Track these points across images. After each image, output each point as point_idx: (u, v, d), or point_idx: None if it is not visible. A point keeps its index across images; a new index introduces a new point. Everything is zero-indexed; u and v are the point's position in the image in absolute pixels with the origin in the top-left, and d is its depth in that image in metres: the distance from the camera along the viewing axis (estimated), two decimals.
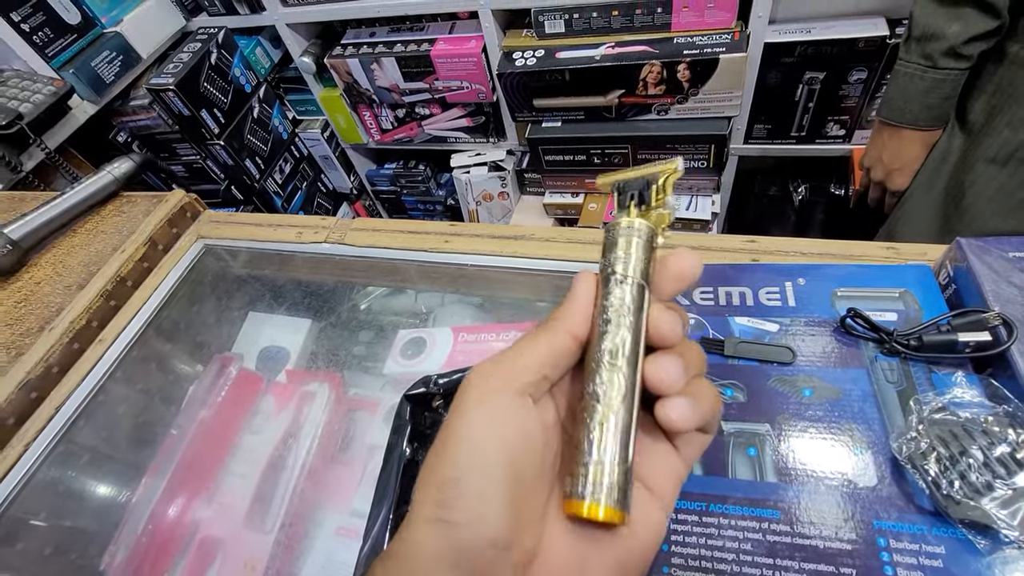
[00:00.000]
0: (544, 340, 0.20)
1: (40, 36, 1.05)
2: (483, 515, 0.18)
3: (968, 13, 0.58)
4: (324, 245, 0.58)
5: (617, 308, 0.20)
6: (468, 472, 0.18)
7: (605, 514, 0.18)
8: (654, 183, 0.22)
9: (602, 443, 0.19)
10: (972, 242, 0.34)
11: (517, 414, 0.19)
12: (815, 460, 0.31)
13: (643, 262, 0.21)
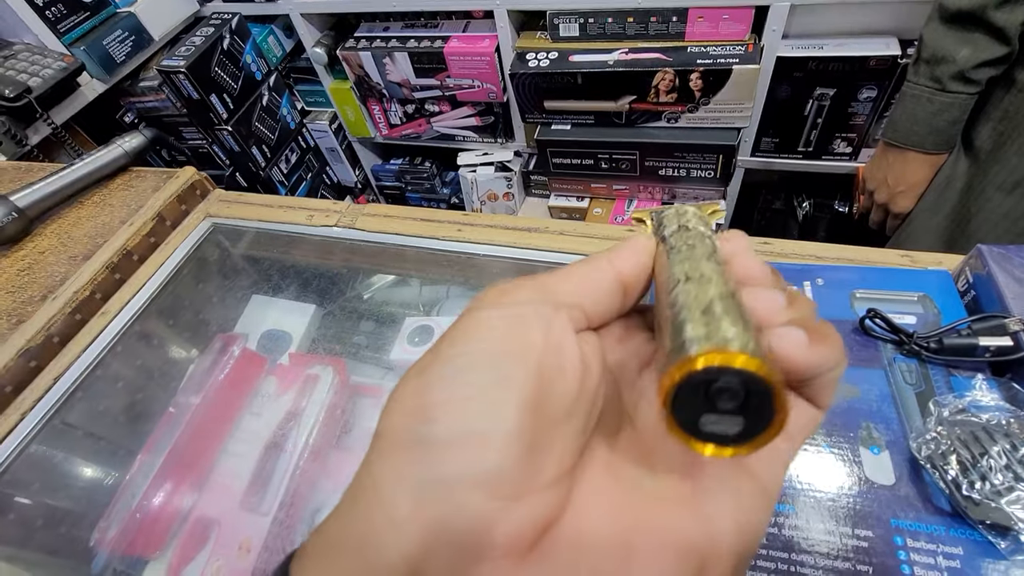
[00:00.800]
0: (581, 266, 0.16)
1: (53, 11, 1.04)
2: (484, 435, 0.12)
3: (978, 38, 0.58)
4: (335, 229, 0.58)
5: (688, 241, 0.16)
6: (470, 369, 0.13)
7: (742, 361, 0.11)
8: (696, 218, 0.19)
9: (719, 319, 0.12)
10: (993, 249, 0.34)
11: (547, 322, 0.14)
12: (833, 457, 0.30)
13: (707, 228, 0.17)
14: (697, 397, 0.12)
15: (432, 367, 0.14)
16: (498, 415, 0.13)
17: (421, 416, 0.13)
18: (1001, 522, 0.25)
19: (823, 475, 0.30)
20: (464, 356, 0.14)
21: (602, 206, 1.30)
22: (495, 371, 0.13)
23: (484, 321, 0.14)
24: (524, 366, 0.13)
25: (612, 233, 0.52)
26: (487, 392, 0.13)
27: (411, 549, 0.12)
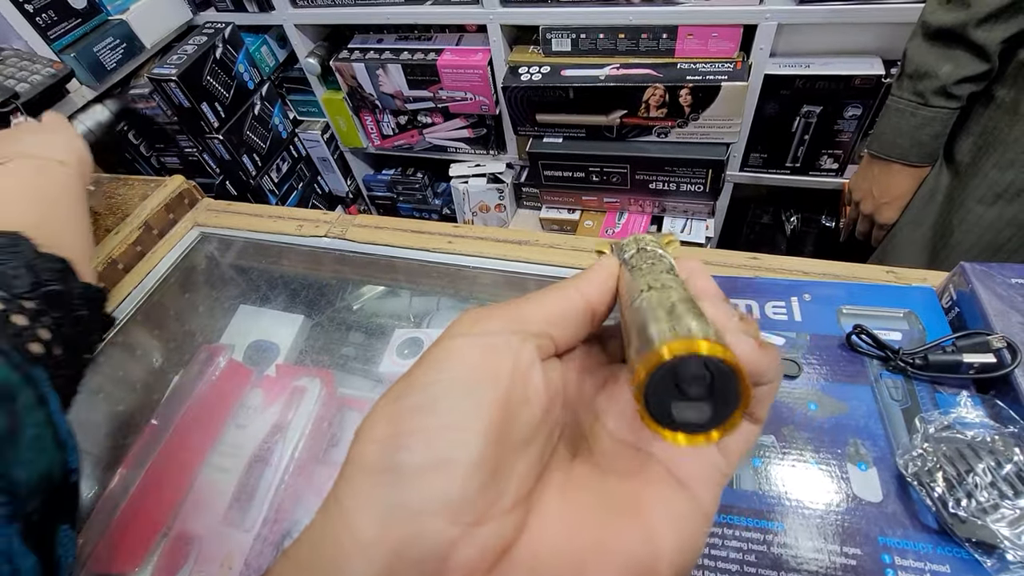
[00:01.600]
0: (550, 294, 0.17)
1: (43, 18, 1.03)
2: (450, 464, 0.13)
3: (960, 55, 0.60)
4: (324, 240, 0.58)
5: (648, 260, 0.18)
6: (440, 401, 0.14)
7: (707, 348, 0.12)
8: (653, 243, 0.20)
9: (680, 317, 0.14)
10: (976, 267, 0.35)
11: (516, 352, 0.15)
12: (820, 474, 0.31)
13: (659, 246, 0.19)
14: (667, 388, 0.13)
15: (406, 396, 0.15)
16: (465, 445, 0.13)
17: (393, 445, 0.14)
18: (987, 540, 0.26)
19: (811, 492, 0.30)
20: (436, 385, 0.15)
21: (593, 219, 1.31)
22: (465, 401, 0.14)
23: (456, 350, 0.15)
24: (492, 397, 0.14)
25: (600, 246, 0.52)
26: (456, 422, 0.14)
27: (377, 572, 0.13)
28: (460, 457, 0.13)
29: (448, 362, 0.15)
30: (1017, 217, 0.63)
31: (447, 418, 0.14)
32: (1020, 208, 0.62)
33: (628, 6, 1.02)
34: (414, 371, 0.15)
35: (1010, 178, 0.61)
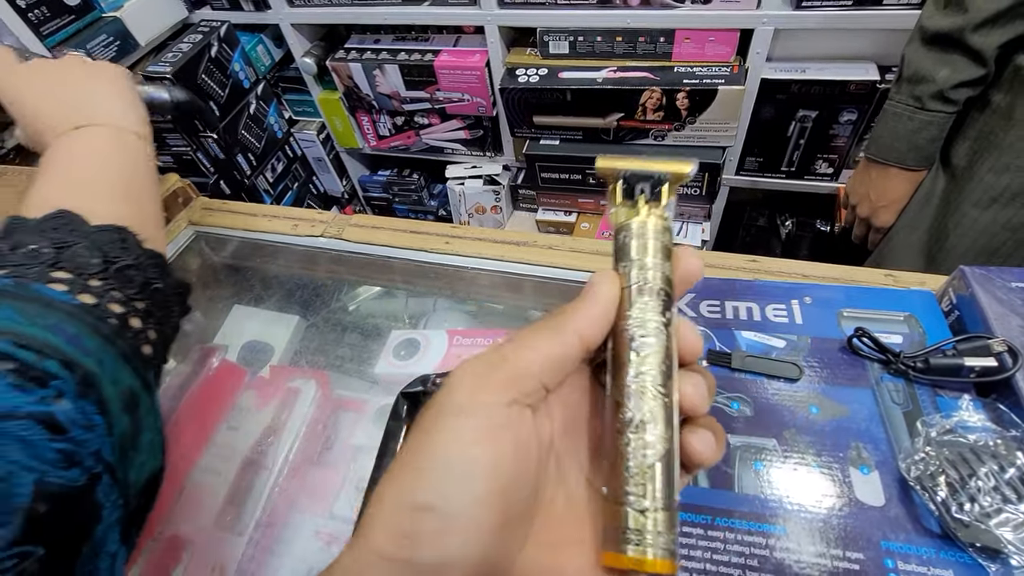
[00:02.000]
0: (548, 340, 0.18)
1: (36, 14, 1.02)
2: (460, 560, 0.15)
3: (957, 60, 0.60)
4: (320, 239, 0.57)
5: (651, 322, 0.18)
6: (448, 502, 0.15)
7: (659, 567, 0.16)
8: (664, 180, 0.20)
9: (652, 488, 0.17)
10: (976, 271, 0.35)
11: (513, 431, 0.17)
12: (822, 477, 0.30)
13: (665, 268, 0.19)
14: None
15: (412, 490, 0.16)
16: (474, 544, 0.15)
17: (406, 544, 0.15)
18: (991, 545, 0.25)
19: (813, 496, 0.30)
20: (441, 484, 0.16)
21: (589, 221, 1.31)
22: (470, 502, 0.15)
23: (457, 438, 0.16)
24: (497, 487, 0.16)
25: (600, 247, 0.52)
26: (463, 525, 0.15)
27: None
28: (470, 555, 0.15)
29: (451, 453, 0.16)
30: (1012, 221, 0.63)
31: (455, 522, 0.15)
32: (1015, 212, 0.62)
33: (626, 9, 1.02)
34: (421, 457, 0.16)
35: (1005, 182, 0.62)
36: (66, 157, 0.35)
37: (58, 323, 0.25)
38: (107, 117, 0.38)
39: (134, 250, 0.32)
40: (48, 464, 0.21)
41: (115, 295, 0.29)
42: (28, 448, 0.21)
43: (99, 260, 0.29)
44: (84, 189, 0.33)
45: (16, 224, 0.30)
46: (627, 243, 0.20)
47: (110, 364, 0.26)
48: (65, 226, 0.30)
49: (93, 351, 0.25)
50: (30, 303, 0.25)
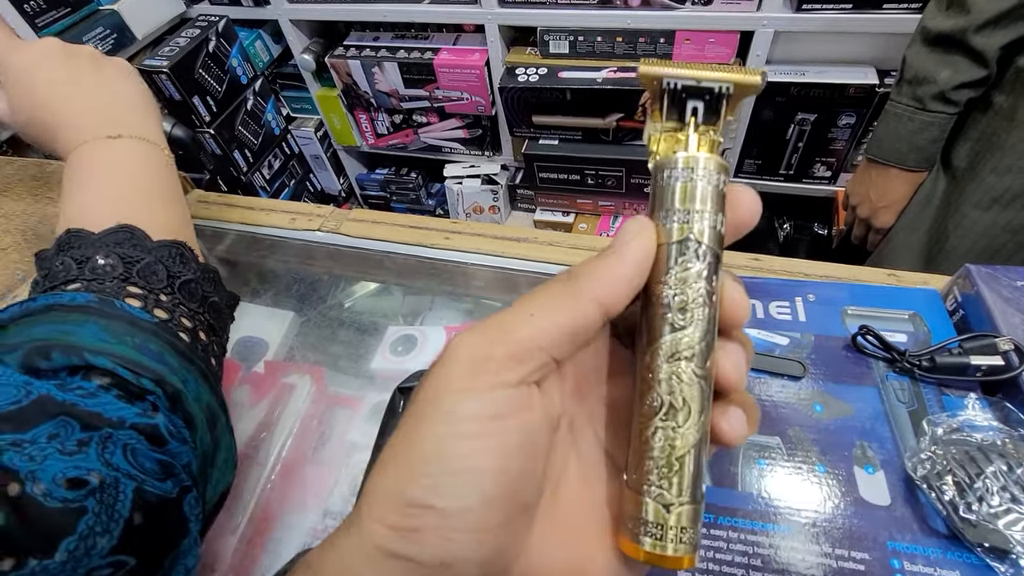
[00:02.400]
0: (560, 309, 0.15)
1: (31, 5, 1.01)
2: (466, 558, 0.14)
3: (958, 61, 0.60)
4: (318, 233, 0.56)
5: (696, 291, 0.15)
6: (449, 501, 0.14)
7: (678, 563, 0.15)
8: (726, 95, 0.16)
9: (678, 481, 0.15)
10: (982, 269, 0.34)
11: (520, 417, 0.15)
12: (827, 476, 0.30)
13: (717, 220, 0.16)
14: None
15: (410, 480, 0.14)
16: (477, 545, 0.14)
17: (405, 538, 0.14)
18: (999, 545, 0.25)
19: (818, 495, 0.29)
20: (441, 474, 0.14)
21: (588, 222, 1.30)
22: (474, 499, 0.14)
23: (457, 426, 0.14)
24: (503, 480, 0.14)
25: (600, 245, 0.51)
26: (466, 523, 0.14)
27: None
28: (477, 552, 0.14)
29: (449, 449, 0.14)
30: (1012, 222, 0.63)
31: (458, 521, 0.14)
32: (1015, 213, 0.62)
33: (626, 9, 1.02)
34: (420, 443, 0.15)
35: (1007, 183, 0.62)
36: (106, 168, 0.34)
37: (144, 342, 0.25)
38: (141, 130, 0.37)
39: (191, 264, 0.32)
40: (147, 474, 0.22)
41: (183, 309, 0.30)
42: (132, 457, 0.22)
43: (164, 275, 0.30)
44: (133, 203, 0.33)
45: (78, 237, 0.29)
46: (671, 185, 0.16)
47: (192, 382, 0.27)
48: (129, 240, 0.30)
49: (177, 369, 0.26)
50: (116, 321, 0.25)
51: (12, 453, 0.19)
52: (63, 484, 0.19)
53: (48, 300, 0.25)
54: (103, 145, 0.34)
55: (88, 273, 0.28)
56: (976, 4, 0.56)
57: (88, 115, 0.36)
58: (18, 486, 0.18)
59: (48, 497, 0.18)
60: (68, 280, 0.27)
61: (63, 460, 0.20)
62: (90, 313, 0.25)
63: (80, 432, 0.21)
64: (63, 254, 0.28)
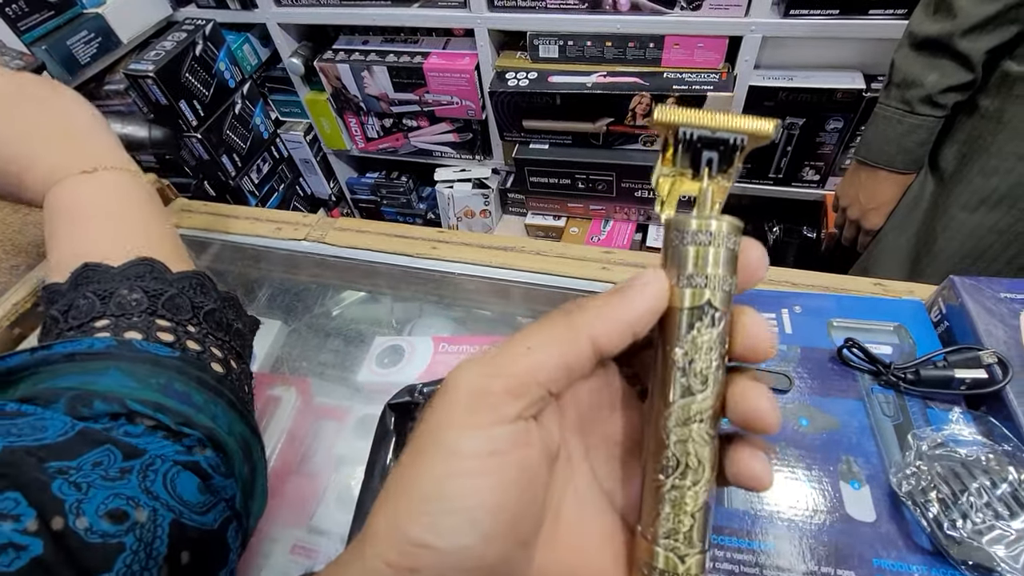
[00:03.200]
0: (556, 344, 0.16)
1: (14, 8, 1.00)
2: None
3: (945, 65, 0.61)
4: (304, 243, 0.56)
5: (711, 357, 0.16)
6: (448, 537, 0.14)
7: None
8: (741, 147, 0.16)
9: (691, 534, 0.16)
10: (966, 281, 0.34)
11: (518, 454, 0.15)
12: (813, 491, 0.30)
13: (729, 283, 0.16)
14: None
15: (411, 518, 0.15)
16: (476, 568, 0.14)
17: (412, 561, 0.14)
18: (983, 563, 0.25)
19: (804, 511, 0.29)
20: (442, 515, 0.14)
21: (579, 225, 1.30)
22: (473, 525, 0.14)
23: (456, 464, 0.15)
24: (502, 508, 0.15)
25: (588, 254, 0.51)
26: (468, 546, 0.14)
27: None
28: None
29: (448, 488, 0.15)
30: (999, 224, 0.63)
31: (454, 559, 0.14)
32: (1002, 215, 0.63)
33: (616, 14, 1.02)
34: (424, 470, 0.15)
35: (993, 185, 0.62)
36: (97, 204, 0.33)
37: (168, 382, 0.25)
38: (111, 159, 0.36)
39: (212, 294, 0.32)
40: (186, 506, 0.22)
41: (213, 340, 0.29)
42: (171, 487, 0.22)
43: (189, 307, 0.29)
44: (135, 236, 0.32)
45: (96, 271, 0.29)
46: (686, 248, 0.16)
47: (222, 416, 0.27)
48: (150, 273, 0.29)
49: (202, 406, 0.26)
50: (138, 364, 0.25)
51: (61, 480, 0.19)
52: (104, 517, 0.19)
53: (66, 348, 0.25)
54: (83, 181, 0.33)
55: (114, 308, 0.27)
56: (962, 9, 0.57)
57: (55, 152, 0.35)
58: (61, 520, 0.18)
59: (89, 532, 0.19)
60: (95, 317, 0.27)
61: (106, 487, 0.20)
62: (111, 359, 0.25)
63: (122, 461, 0.21)
64: (83, 288, 0.28)
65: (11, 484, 0.18)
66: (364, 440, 0.42)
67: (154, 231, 0.34)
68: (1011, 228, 0.63)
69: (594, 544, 0.18)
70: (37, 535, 0.18)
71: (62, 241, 0.31)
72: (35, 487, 0.18)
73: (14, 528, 0.17)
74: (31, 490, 0.18)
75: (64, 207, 0.33)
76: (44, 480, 0.19)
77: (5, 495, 0.18)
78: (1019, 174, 0.60)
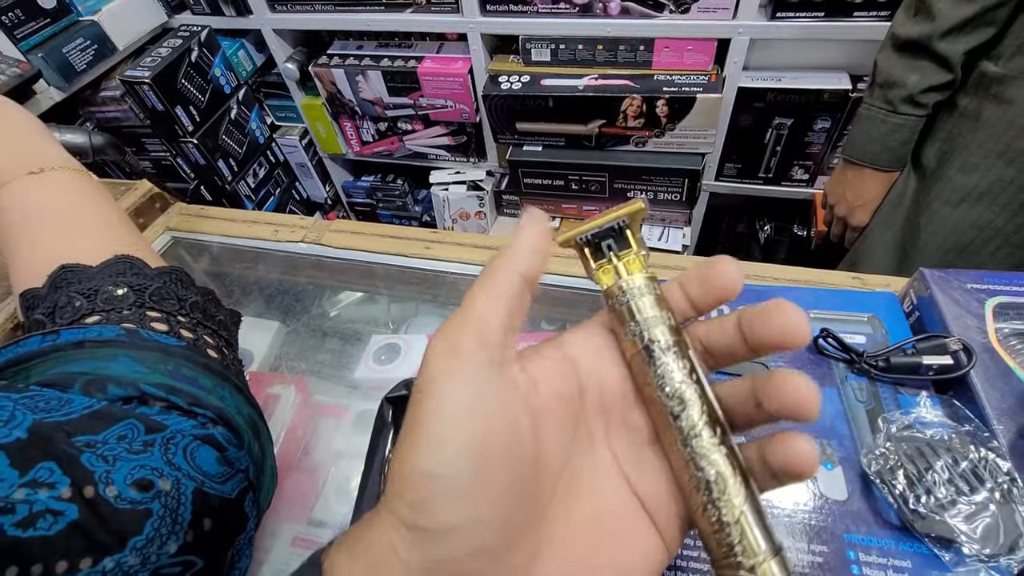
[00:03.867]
0: (498, 284, 0.18)
1: (10, 16, 1.01)
2: (470, 521, 0.15)
3: (926, 66, 0.63)
4: (301, 245, 0.57)
5: (677, 378, 0.18)
6: (448, 466, 0.16)
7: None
8: (624, 227, 0.20)
9: (748, 541, 0.16)
10: (935, 273, 0.36)
11: (494, 387, 0.17)
12: None
13: (666, 317, 0.19)
14: None
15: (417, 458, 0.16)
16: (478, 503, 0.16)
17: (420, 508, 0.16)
18: (945, 535, 0.26)
19: (780, 492, 0.31)
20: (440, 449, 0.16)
21: (573, 226, 1.32)
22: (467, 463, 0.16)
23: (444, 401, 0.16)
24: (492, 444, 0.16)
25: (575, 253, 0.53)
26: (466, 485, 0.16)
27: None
28: (479, 520, 0.15)
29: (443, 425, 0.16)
30: (979, 219, 0.65)
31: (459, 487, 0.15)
32: (983, 211, 0.65)
33: (606, 18, 1.03)
34: (418, 427, 0.16)
35: (973, 182, 0.64)
36: (50, 205, 0.33)
37: (177, 368, 0.27)
38: (56, 159, 0.36)
39: (190, 286, 0.33)
40: (206, 476, 0.24)
41: (204, 328, 0.31)
42: (191, 458, 0.24)
43: (175, 299, 0.31)
44: (100, 234, 0.33)
45: (74, 272, 0.29)
46: (619, 309, 0.19)
47: (230, 398, 0.28)
48: (130, 270, 0.31)
49: (211, 389, 0.27)
50: (147, 351, 0.26)
51: (89, 453, 0.21)
52: (132, 486, 0.21)
53: (75, 335, 0.26)
54: (32, 182, 0.33)
55: (102, 304, 0.28)
56: (941, 12, 0.59)
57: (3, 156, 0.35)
58: (92, 488, 0.20)
59: (118, 499, 0.20)
60: (84, 314, 0.28)
61: (131, 459, 0.21)
62: (119, 347, 0.26)
63: (145, 434, 0.23)
64: (63, 290, 0.29)
65: (45, 455, 0.20)
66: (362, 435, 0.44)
67: (119, 228, 0.34)
68: (991, 223, 0.65)
69: (612, 513, 0.19)
70: (72, 501, 0.19)
71: (22, 244, 0.31)
72: (66, 459, 0.20)
73: (50, 495, 0.19)
74: (63, 461, 0.20)
75: (16, 209, 0.33)
76: (73, 453, 0.20)
77: (40, 464, 0.19)
78: (998, 171, 0.62)
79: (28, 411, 0.21)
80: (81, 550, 0.19)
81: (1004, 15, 0.57)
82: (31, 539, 0.18)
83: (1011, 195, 0.62)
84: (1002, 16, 0.57)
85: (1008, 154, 0.60)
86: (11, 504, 0.18)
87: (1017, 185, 0.61)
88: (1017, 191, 0.62)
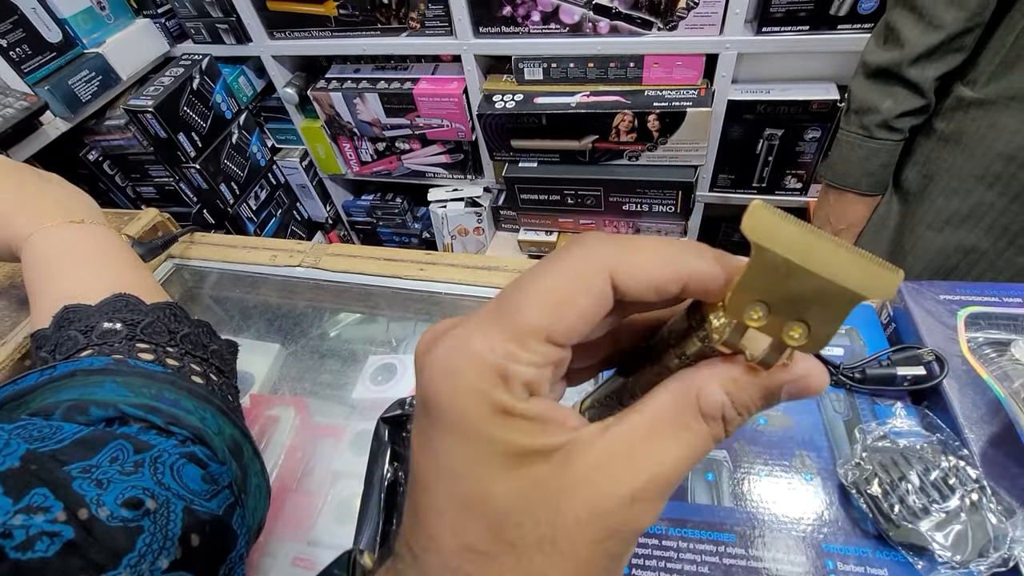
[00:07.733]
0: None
1: (17, 52, 1.04)
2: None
3: (898, 91, 0.63)
4: (298, 269, 0.59)
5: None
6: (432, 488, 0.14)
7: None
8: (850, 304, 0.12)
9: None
10: (909, 285, 0.37)
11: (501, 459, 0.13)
12: (769, 486, 0.32)
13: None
14: None
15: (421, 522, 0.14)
16: None
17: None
18: (918, 543, 0.27)
19: (761, 504, 0.32)
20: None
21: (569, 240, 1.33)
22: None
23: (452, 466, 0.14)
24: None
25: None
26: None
27: None
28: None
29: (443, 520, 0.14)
30: (963, 243, 0.65)
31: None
32: (966, 234, 0.64)
33: (596, 37, 1.06)
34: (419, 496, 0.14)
35: (955, 205, 0.64)
36: (82, 249, 0.38)
37: (160, 391, 0.28)
38: (99, 218, 0.42)
39: (184, 320, 0.36)
40: (194, 495, 0.25)
41: (191, 357, 0.33)
42: (179, 477, 0.25)
43: (166, 331, 0.33)
44: (119, 276, 0.37)
45: (75, 311, 0.33)
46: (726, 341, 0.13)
47: (211, 419, 0.30)
48: (126, 307, 0.33)
49: (193, 410, 0.29)
50: (132, 376, 0.28)
51: (81, 480, 0.22)
52: (123, 505, 0.22)
53: (69, 366, 0.28)
54: (71, 229, 0.38)
55: (96, 339, 0.31)
56: (909, 40, 0.59)
57: (47, 205, 0.40)
58: (86, 511, 0.21)
59: (111, 518, 0.22)
60: (80, 349, 0.30)
61: (123, 481, 0.23)
62: (107, 374, 0.28)
63: (134, 455, 0.24)
64: (65, 329, 0.31)
65: (39, 481, 0.21)
66: (360, 455, 0.45)
67: (127, 271, 0.38)
68: (975, 247, 0.65)
69: None
70: (67, 523, 0.21)
71: (45, 287, 0.35)
72: (58, 485, 0.21)
73: (46, 519, 0.20)
74: (55, 487, 0.21)
75: (48, 252, 0.37)
76: (65, 479, 0.22)
77: (34, 491, 0.21)
78: (979, 195, 0.62)
79: (22, 440, 0.22)
80: (78, 569, 0.20)
81: (971, 41, 0.58)
82: (30, 561, 0.19)
83: (993, 219, 0.62)
84: (969, 43, 0.58)
85: (987, 178, 0.60)
86: (9, 530, 0.19)
87: (998, 209, 0.61)
88: (999, 215, 0.61)
